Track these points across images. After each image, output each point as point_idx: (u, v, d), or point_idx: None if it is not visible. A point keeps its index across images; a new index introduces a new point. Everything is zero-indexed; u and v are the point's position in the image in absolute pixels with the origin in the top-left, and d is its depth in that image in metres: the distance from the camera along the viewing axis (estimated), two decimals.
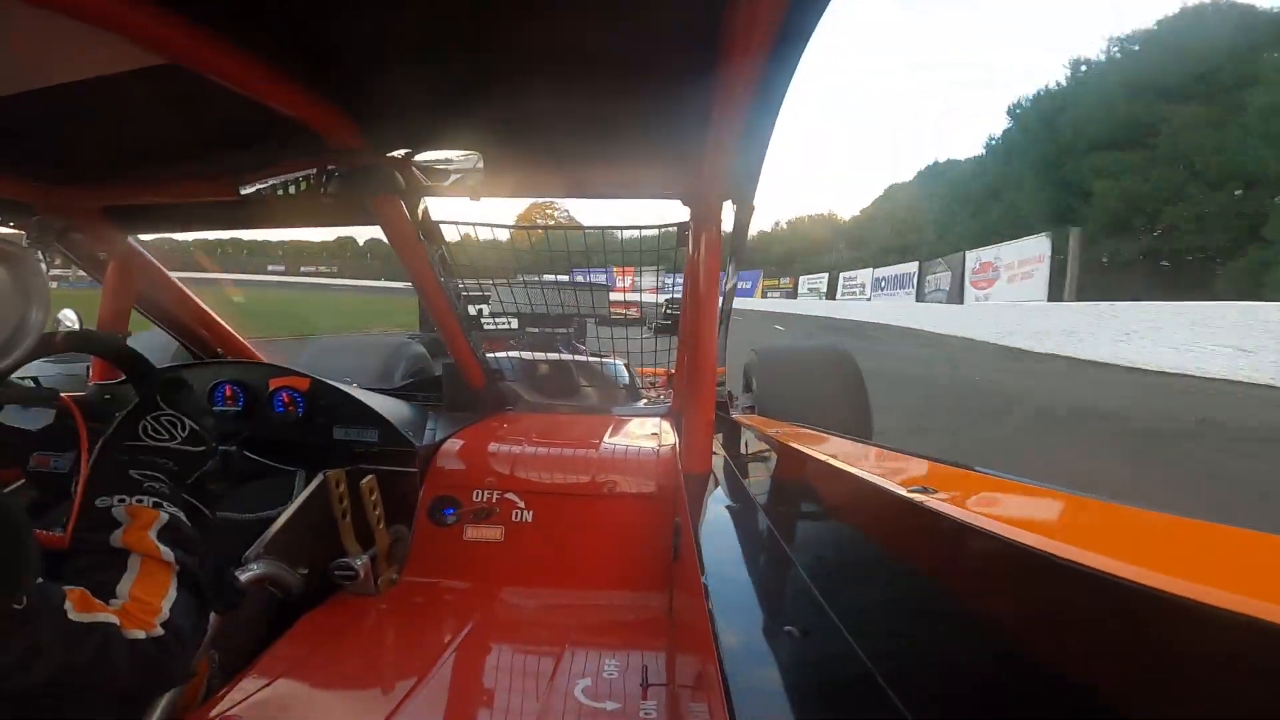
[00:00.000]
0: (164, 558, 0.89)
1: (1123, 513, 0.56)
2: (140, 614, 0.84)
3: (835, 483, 0.99)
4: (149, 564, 0.89)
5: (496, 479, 1.53)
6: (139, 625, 0.82)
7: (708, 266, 1.46)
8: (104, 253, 1.66)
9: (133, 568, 0.88)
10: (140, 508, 0.92)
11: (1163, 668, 0.36)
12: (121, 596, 0.85)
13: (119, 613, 0.81)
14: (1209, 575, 0.36)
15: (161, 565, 0.90)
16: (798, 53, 0.83)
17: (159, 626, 0.84)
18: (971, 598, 0.57)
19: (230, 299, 10.12)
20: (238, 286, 22.05)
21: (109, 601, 0.83)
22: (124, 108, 1.05)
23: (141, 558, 0.89)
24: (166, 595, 0.88)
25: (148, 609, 0.85)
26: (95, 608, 0.79)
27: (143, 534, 0.90)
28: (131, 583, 0.87)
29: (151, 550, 0.89)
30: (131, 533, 0.90)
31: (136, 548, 0.89)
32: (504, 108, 1.12)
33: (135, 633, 0.82)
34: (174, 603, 0.88)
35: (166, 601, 0.88)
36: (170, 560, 0.90)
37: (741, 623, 0.74)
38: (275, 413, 1.58)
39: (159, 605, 0.86)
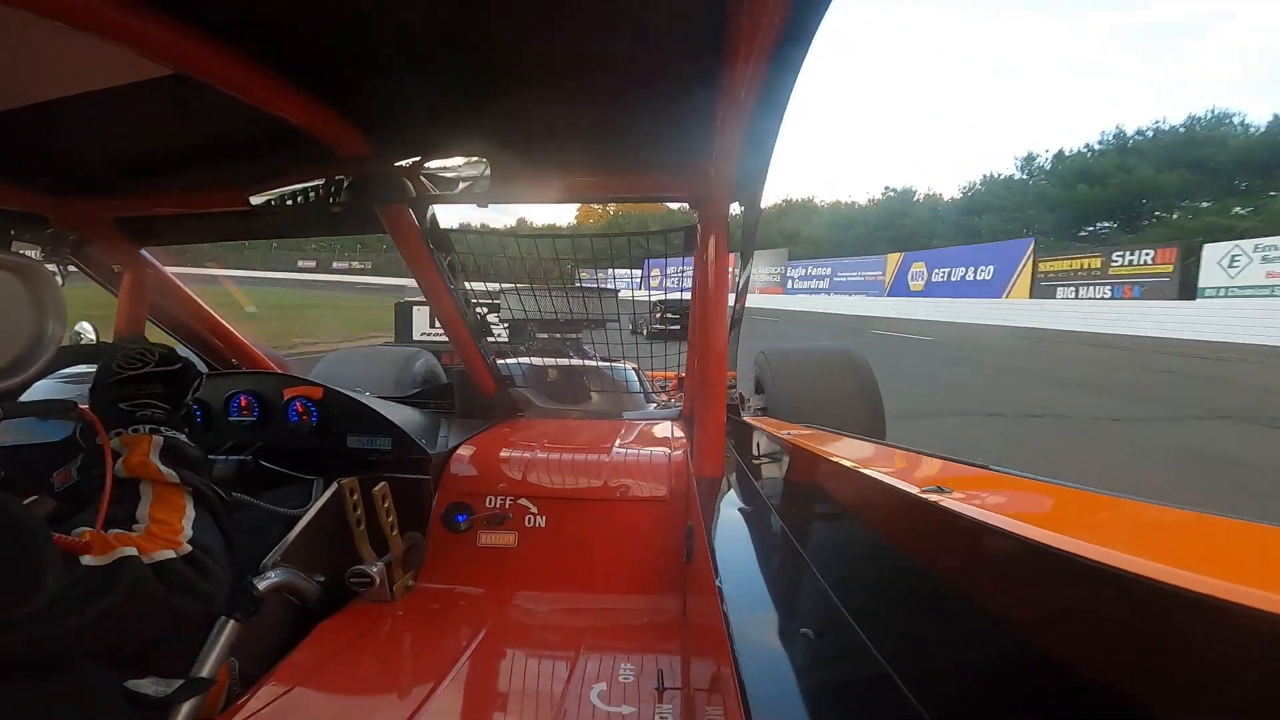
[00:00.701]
0: (169, 479, 0.90)
1: (1142, 509, 0.55)
2: (164, 534, 0.84)
3: (849, 484, 0.99)
4: (159, 488, 0.90)
5: (509, 485, 1.54)
6: (165, 545, 0.83)
7: (717, 268, 1.45)
8: (117, 265, 1.68)
9: (145, 494, 0.89)
10: (135, 436, 0.93)
11: (1187, 666, 0.35)
12: (142, 521, 0.85)
13: (141, 538, 0.82)
14: (1229, 571, 0.35)
15: (171, 487, 0.91)
16: (801, 54, 0.83)
17: (186, 544, 0.85)
18: (988, 597, 0.56)
19: (241, 307, 10.13)
20: (245, 287, 21.80)
21: (130, 528, 0.83)
22: (134, 119, 1.07)
23: (151, 484, 0.90)
24: (185, 514, 0.89)
25: (169, 529, 0.86)
26: (111, 545, 0.79)
27: (143, 458, 0.91)
28: (148, 507, 0.88)
29: (155, 473, 0.90)
30: (131, 459, 0.91)
31: (140, 473, 0.90)
32: (511, 114, 1.13)
33: (163, 553, 0.82)
34: (194, 521, 0.89)
35: (187, 520, 0.89)
36: (176, 480, 0.91)
37: (756, 625, 0.74)
38: (290, 422, 1.59)
39: (180, 524, 0.88)
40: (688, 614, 1.30)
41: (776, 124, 1.04)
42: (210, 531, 0.91)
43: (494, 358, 1.95)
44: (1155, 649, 0.37)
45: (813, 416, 2.19)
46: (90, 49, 0.77)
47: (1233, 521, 0.46)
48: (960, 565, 0.61)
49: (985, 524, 0.55)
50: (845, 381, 2.54)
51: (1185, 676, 0.35)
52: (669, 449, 1.64)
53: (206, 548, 0.88)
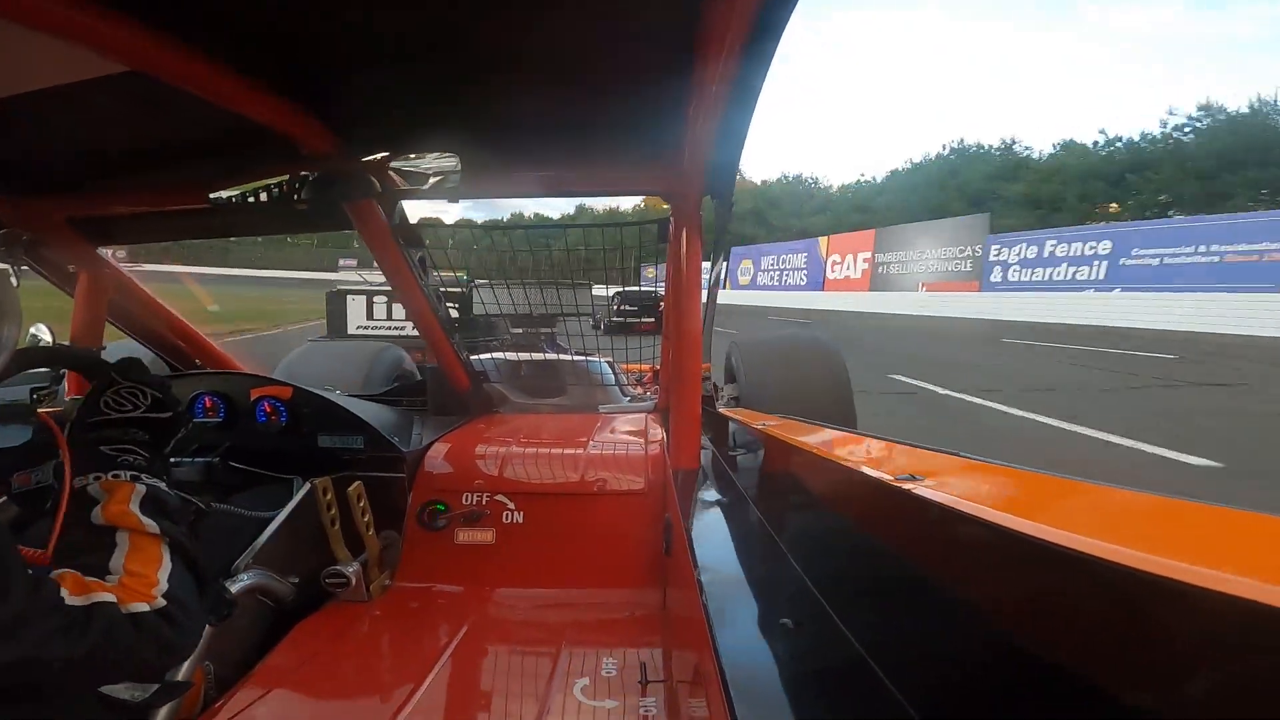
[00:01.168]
0: (149, 530, 0.88)
1: (1109, 494, 0.57)
2: (137, 587, 0.82)
3: (823, 473, 1.00)
4: (136, 538, 0.88)
5: (485, 481, 1.53)
6: (139, 598, 0.81)
7: (690, 262, 1.46)
8: (72, 265, 1.63)
9: (121, 543, 0.87)
10: (116, 482, 0.90)
11: (1150, 648, 0.37)
12: (116, 572, 0.83)
13: (115, 589, 0.80)
14: (1195, 556, 0.37)
15: (149, 538, 0.88)
16: (771, 47, 0.83)
17: (160, 598, 0.83)
18: (961, 583, 0.58)
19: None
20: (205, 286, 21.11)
21: (104, 578, 0.81)
22: (87, 117, 1.03)
23: (129, 533, 0.88)
24: (161, 566, 0.87)
25: (144, 581, 0.84)
26: (91, 588, 0.77)
27: (123, 507, 0.89)
28: (123, 558, 0.85)
29: (135, 524, 0.88)
30: (111, 507, 0.88)
31: (119, 522, 0.88)
32: (481, 108, 1.12)
33: (137, 606, 0.80)
34: (170, 573, 0.87)
35: (162, 572, 0.86)
36: (156, 531, 0.88)
37: (736, 616, 0.75)
38: (258, 423, 1.56)
39: (155, 577, 0.85)
40: (668, 606, 1.31)
41: (748, 117, 1.04)
42: (184, 584, 0.89)
43: (467, 353, 1.93)
44: (1123, 632, 0.38)
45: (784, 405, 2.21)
46: (44, 46, 0.74)
47: (1200, 506, 0.48)
48: (933, 552, 0.62)
49: (957, 511, 0.56)
50: (816, 370, 2.57)
51: (1153, 659, 0.36)
52: (645, 442, 1.64)
53: (179, 601, 0.86)
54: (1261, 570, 0.34)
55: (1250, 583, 0.31)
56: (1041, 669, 0.44)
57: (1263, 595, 0.30)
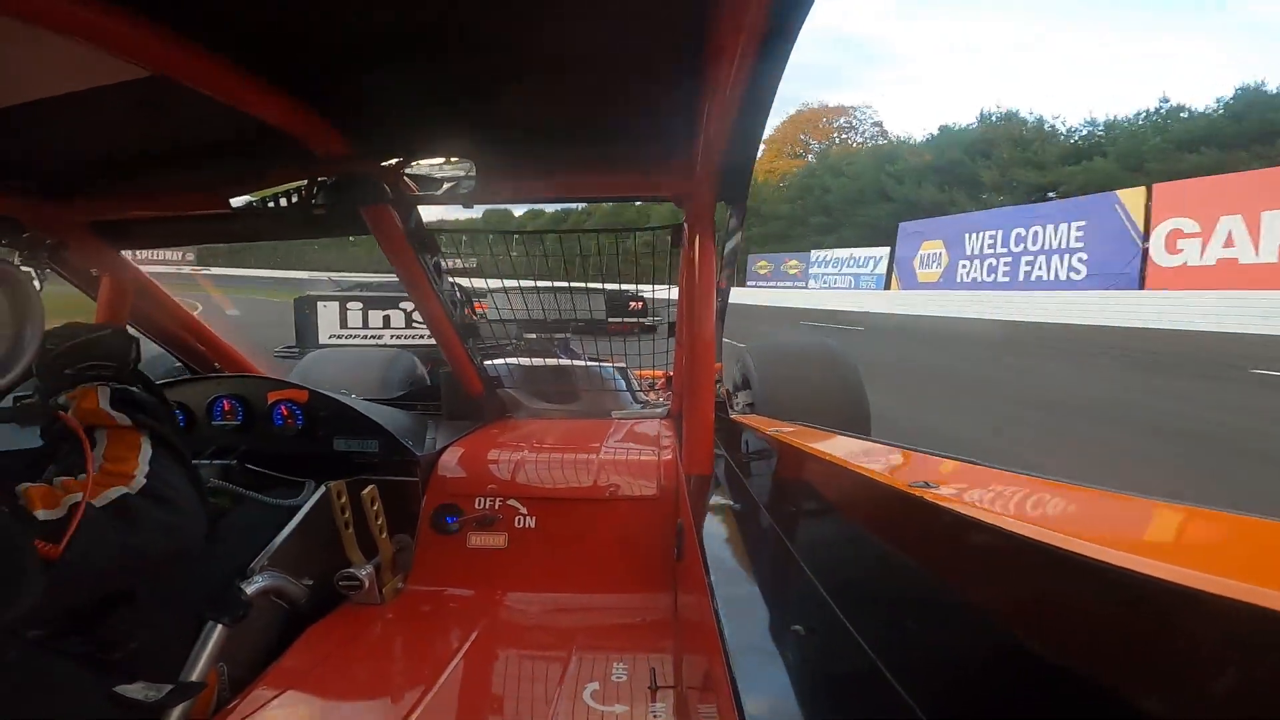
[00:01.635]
0: (121, 422, 0.89)
1: (1126, 503, 0.56)
2: (116, 470, 0.83)
3: (836, 480, 0.99)
4: (113, 433, 0.89)
5: (498, 486, 1.53)
6: (118, 482, 0.82)
7: (703, 267, 1.46)
8: (95, 269, 1.65)
9: (100, 440, 0.88)
10: (83, 388, 0.92)
11: (1169, 658, 0.36)
12: (96, 467, 0.84)
13: (87, 484, 0.80)
14: (1212, 563, 0.36)
15: (125, 430, 0.89)
16: (786, 49, 0.83)
17: (141, 478, 0.84)
18: (976, 591, 0.57)
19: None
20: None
21: (78, 477, 0.82)
22: (109, 121, 1.05)
23: (105, 429, 0.89)
24: (140, 452, 0.88)
25: (122, 465, 0.85)
26: (58, 495, 0.78)
27: (91, 405, 0.90)
28: (102, 451, 0.87)
29: (107, 419, 0.89)
30: (81, 407, 0.89)
31: (92, 420, 0.89)
32: (495, 113, 1.12)
33: (116, 490, 0.81)
34: (151, 457, 0.88)
35: (142, 456, 0.87)
36: (130, 424, 0.89)
37: (747, 622, 0.74)
38: (275, 426, 1.58)
39: (135, 461, 0.86)
40: (679, 612, 1.31)
41: (762, 119, 1.04)
42: (171, 469, 0.89)
43: (481, 358, 1.94)
44: (1140, 640, 0.38)
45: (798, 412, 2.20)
46: (64, 51, 0.76)
47: (1218, 513, 0.47)
48: (947, 560, 0.62)
49: (972, 519, 0.55)
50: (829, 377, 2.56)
51: (1168, 667, 0.36)
52: (658, 447, 1.64)
53: (166, 480, 0.86)
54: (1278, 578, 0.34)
55: (1268, 591, 0.31)
56: (1057, 678, 0.43)
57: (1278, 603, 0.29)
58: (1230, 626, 0.32)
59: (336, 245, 39.21)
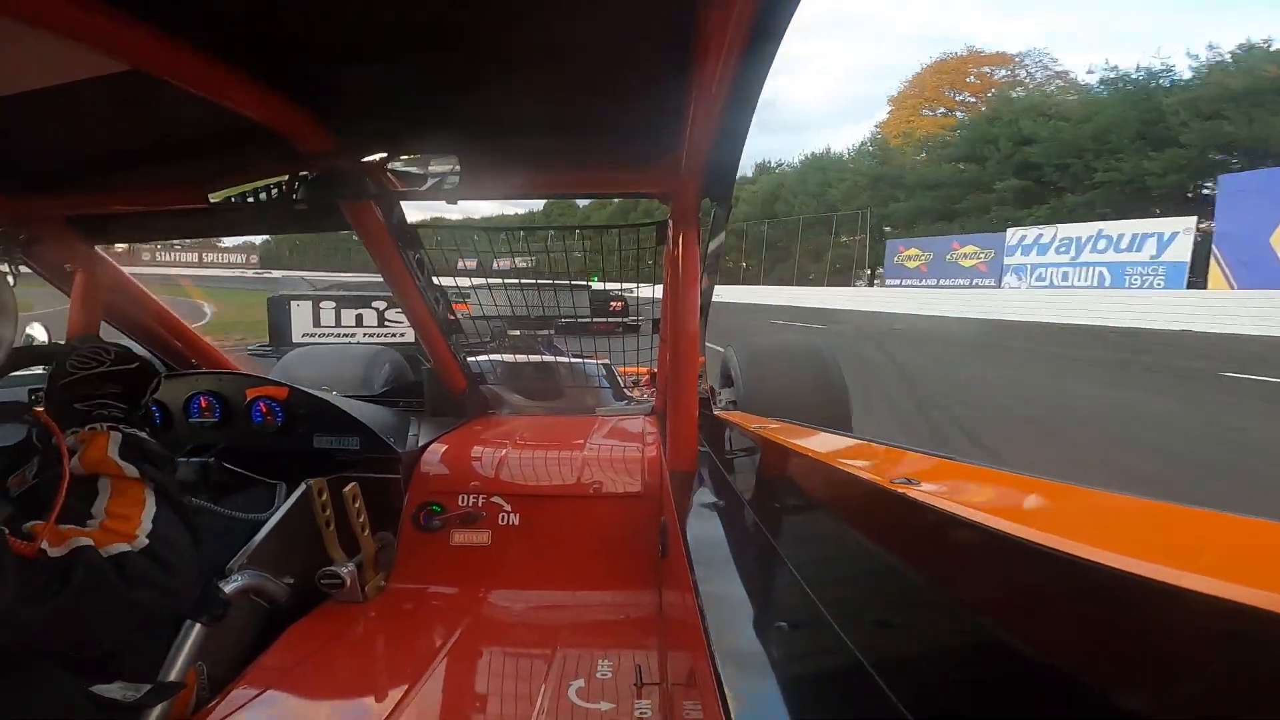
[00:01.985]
0: (129, 474, 0.88)
1: (1104, 499, 0.57)
2: (119, 529, 0.82)
3: (820, 476, 1.00)
4: (119, 483, 0.88)
5: (482, 483, 1.53)
6: (120, 539, 0.81)
7: (688, 264, 1.46)
8: (69, 264, 1.62)
9: (104, 490, 0.87)
10: (92, 433, 0.91)
11: (1143, 651, 0.37)
12: (98, 516, 0.83)
13: (95, 532, 0.80)
14: (1189, 560, 0.37)
15: (131, 482, 0.88)
16: (773, 48, 0.83)
17: (143, 538, 0.83)
18: (958, 587, 0.58)
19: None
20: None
21: (85, 524, 0.81)
22: (84, 115, 1.03)
23: (110, 479, 0.88)
24: (145, 508, 0.87)
25: (126, 523, 0.83)
26: (67, 536, 0.77)
27: (100, 454, 0.88)
28: (106, 502, 0.85)
29: (114, 469, 0.88)
30: (89, 455, 0.88)
31: (99, 468, 0.87)
32: (479, 108, 1.12)
33: (118, 547, 0.80)
34: (155, 515, 0.86)
35: (146, 514, 0.86)
36: (136, 475, 0.88)
37: (732, 619, 0.75)
38: (254, 423, 1.56)
39: (138, 518, 0.85)
40: (664, 609, 1.31)
41: (747, 118, 1.05)
42: (174, 526, 0.88)
43: (464, 355, 1.93)
44: (1116, 635, 0.38)
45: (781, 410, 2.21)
46: (42, 45, 0.74)
47: (1195, 511, 0.48)
48: (929, 556, 0.62)
49: (952, 515, 0.56)
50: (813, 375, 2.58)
51: (1146, 661, 0.36)
52: (642, 444, 1.64)
53: (167, 541, 0.85)
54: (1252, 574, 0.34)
55: (1241, 587, 0.31)
56: (1035, 671, 0.44)
57: (1253, 599, 0.30)
58: (1207, 622, 0.32)
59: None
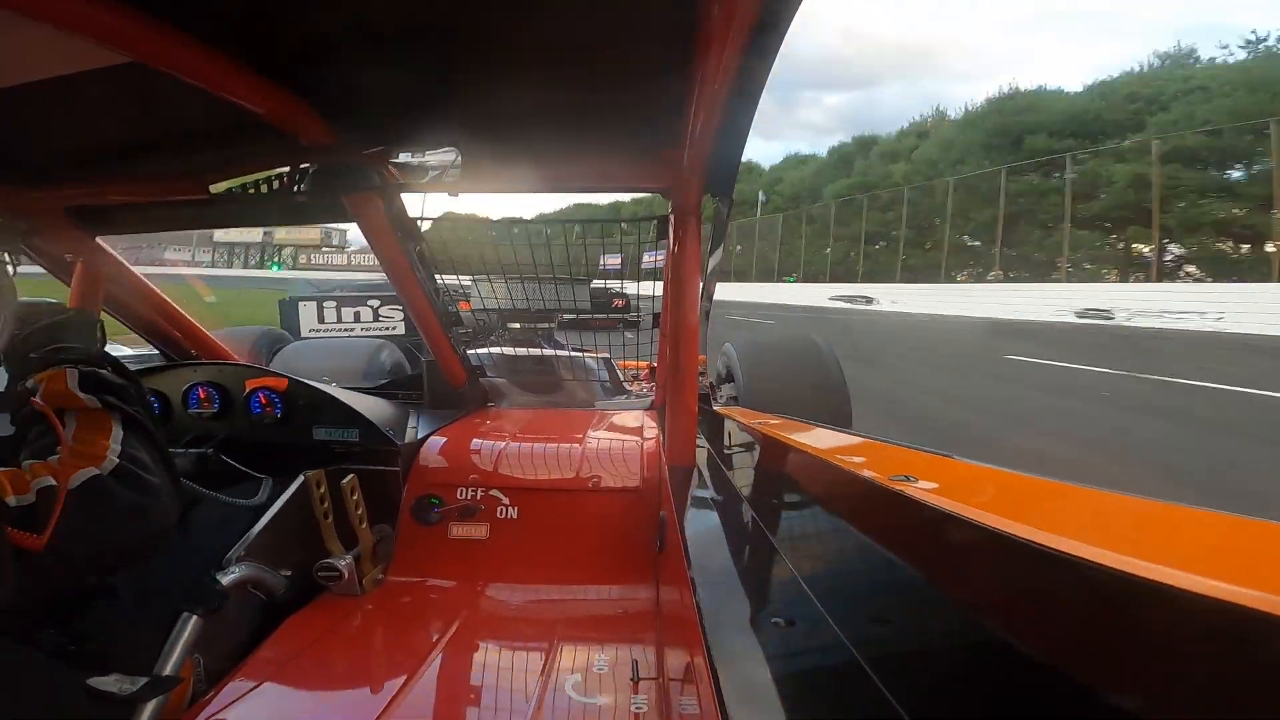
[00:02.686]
0: (90, 404, 0.87)
1: (1100, 498, 0.57)
2: (87, 451, 0.81)
3: (818, 473, 1.00)
4: (83, 415, 0.87)
5: (480, 476, 1.53)
6: (88, 462, 0.80)
7: (689, 259, 1.46)
8: (69, 254, 1.62)
9: (69, 423, 0.86)
10: (51, 371, 0.90)
11: (1137, 651, 0.37)
12: (65, 449, 0.83)
13: (57, 466, 0.79)
14: (1184, 560, 0.37)
15: (95, 412, 0.88)
16: (776, 42, 0.82)
17: (113, 458, 0.82)
18: (952, 584, 0.58)
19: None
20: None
21: (48, 459, 0.80)
22: (85, 107, 1.03)
23: (75, 412, 0.87)
24: (111, 434, 0.86)
25: (92, 446, 0.83)
26: (25, 479, 0.76)
27: (59, 386, 0.88)
28: (71, 433, 0.85)
29: (77, 401, 0.87)
30: (49, 389, 0.87)
31: (61, 402, 0.87)
32: (481, 101, 1.11)
33: (86, 471, 0.79)
34: (122, 438, 0.86)
35: (113, 439, 0.85)
36: (99, 405, 0.88)
37: (728, 614, 0.75)
38: (253, 414, 1.56)
39: (105, 443, 0.84)
40: (661, 604, 1.31)
41: (750, 113, 1.04)
42: (143, 448, 0.87)
43: (464, 347, 1.93)
44: (1111, 634, 0.38)
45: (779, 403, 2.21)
46: (41, 37, 0.74)
47: (1191, 510, 0.48)
48: (925, 553, 0.62)
49: (950, 514, 0.56)
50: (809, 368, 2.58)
51: (1140, 661, 0.36)
52: (641, 439, 1.64)
53: (137, 459, 0.84)
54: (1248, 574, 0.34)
55: (1237, 588, 0.31)
56: (1030, 670, 0.44)
57: (1248, 600, 0.30)
58: (1204, 622, 0.32)
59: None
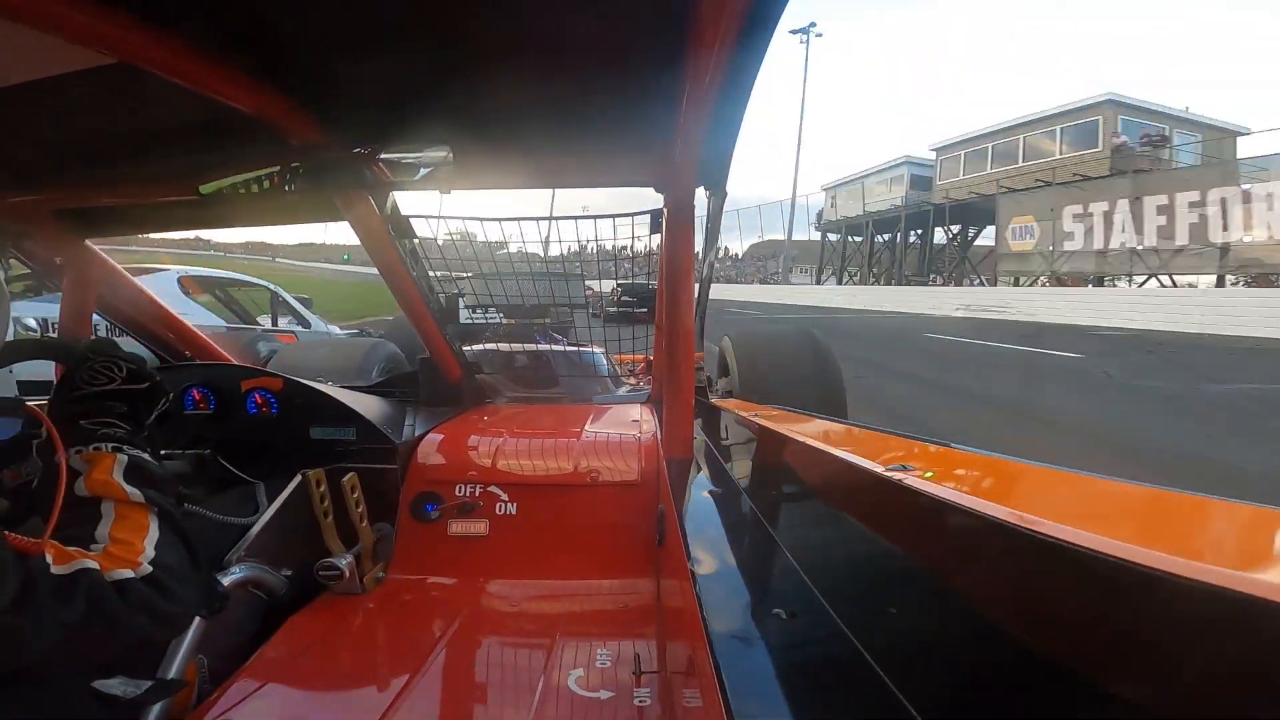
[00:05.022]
0: (134, 498, 0.87)
1: (1098, 485, 0.57)
2: (123, 554, 0.81)
3: (815, 464, 1.01)
4: (122, 507, 0.86)
5: (479, 472, 1.53)
6: (124, 565, 0.80)
7: (682, 252, 1.46)
8: (60, 257, 1.61)
9: (107, 514, 0.86)
10: (97, 454, 0.89)
11: (1135, 638, 0.37)
12: (101, 541, 0.82)
13: (100, 556, 0.79)
14: (1182, 547, 0.37)
15: (135, 506, 0.87)
16: (766, 37, 0.82)
17: (146, 565, 0.82)
18: (951, 573, 0.58)
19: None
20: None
21: (89, 548, 0.80)
22: (72, 109, 1.02)
23: (114, 503, 0.86)
24: (148, 534, 0.85)
25: (130, 549, 0.82)
26: (72, 556, 0.76)
27: (105, 476, 0.87)
28: (109, 527, 0.84)
29: (119, 493, 0.87)
30: (93, 477, 0.87)
31: (103, 491, 0.86)
32: (472, 98, 1.11)
33: (121, 573, 0.79)
34: (157, 541, 0.85)
35: (149, 540, 0.85)
36: (141, 500, 0.87)
37: (729, 607, 0.75)
38: (249, 414, 1.55)
39: (141, 544, 0.84)
40: (662, 597, 1.32)
41: (742, 107, 1.04)
42: (175, 551, 0.87)
43: (460, 344, 1.93)
44: (1109, 622, 0.39)
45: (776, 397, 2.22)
46: (27, 39, 0.73)
47: (1188, 496, 0.48)
48: (924, 542, 0.63)
49: (947, 501, 0.56)
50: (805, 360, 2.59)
51: (1139, 648, 0.37)
52: (639, 432, 1.64)
53: (169, 567, 0.85)
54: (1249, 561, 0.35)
55: (1236, 574, 0.32)
56: (1030, 658, 0.45)
57: (1249, 586, 0.30)
58: (1202, 609, 0.33)
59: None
